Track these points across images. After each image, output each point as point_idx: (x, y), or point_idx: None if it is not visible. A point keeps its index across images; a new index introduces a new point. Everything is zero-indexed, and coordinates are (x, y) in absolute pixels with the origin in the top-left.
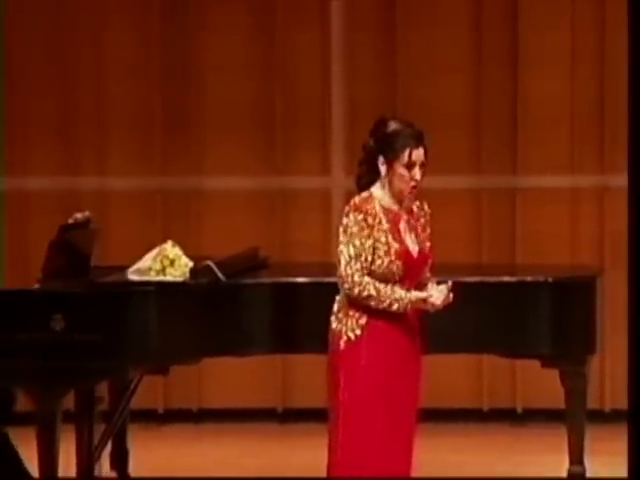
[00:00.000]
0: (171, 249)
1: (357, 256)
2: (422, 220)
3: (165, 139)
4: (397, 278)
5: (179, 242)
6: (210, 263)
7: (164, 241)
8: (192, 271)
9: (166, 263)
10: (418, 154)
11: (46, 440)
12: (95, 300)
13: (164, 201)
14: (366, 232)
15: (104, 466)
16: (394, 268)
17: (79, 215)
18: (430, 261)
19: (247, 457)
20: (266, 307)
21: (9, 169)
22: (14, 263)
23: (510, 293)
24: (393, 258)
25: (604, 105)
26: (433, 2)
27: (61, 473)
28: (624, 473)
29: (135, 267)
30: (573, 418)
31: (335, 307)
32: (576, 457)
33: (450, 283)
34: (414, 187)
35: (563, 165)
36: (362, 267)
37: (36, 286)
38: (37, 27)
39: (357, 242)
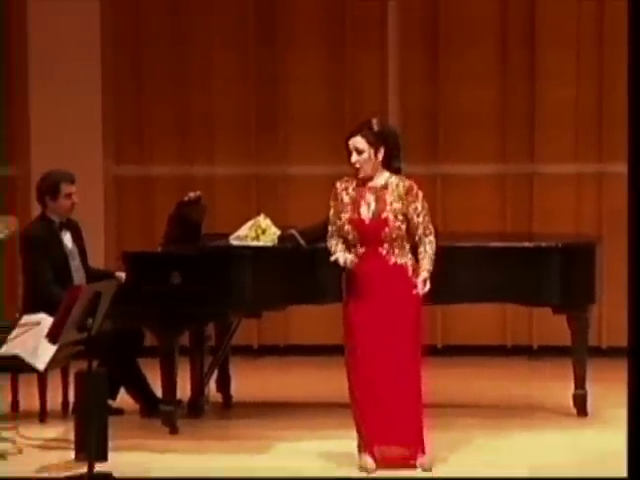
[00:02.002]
0: (263, 221)
1: (330, 222)
2: (395, 194)
3: (258, 136)
4: (354, 241)
5: (269, 216)
6: (294, 232)
7: (258, 215)
8: (279, 238)
9: (259, 232)
10: (351, 143)
11: (167, 368)
12: (204, 260)
13: (257, 184)
14: (334, 206)
15: (211, 389)
16: (349, 231)
17: (192, 194)
18: (386, 229)
19: (321, 383)
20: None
21: (140, 159)
22: (143, 232)
23: (528, 255)
24: (346, 224)
25: (602, 108)
26: (468, 26)
27: (179, 395)
28: (619, 396)
29: (235, 235)
30: (577, 353)
31: None
32: (579, 383)
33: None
34: (357, 168)
35: (570, 155)
36: (332, 230)
37: (159, 249)
38: (161, 48)
39: (330, 213)
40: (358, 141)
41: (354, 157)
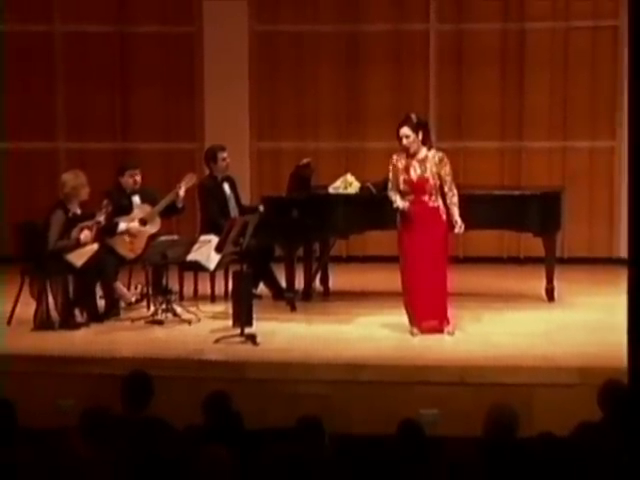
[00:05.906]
0: (349, 177)
1: (390, 181)
2: (431, 162)
3: (347, 123)
4: (407, 192)
5: (353, 174)
6: (369, 184)
7: (346, 173)
8: (360, 189)
9: (347, 184)
10: (401, 131)
11: (289, 270)
12: (313, 202)
13: (346, 154)
14: (392, 170)
15: (316, 283)
16: (405, 187)
17: (305, 160)
18: (427, 184)
19: (385, 279)
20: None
21: (272, 137)
22: (274, 183)
23: (517, 199)
24: (402, 182)
25: (567, 107)
26: (480, 54)
27: (296, 286)
28: (575, 289)
29: (332, 186)
30: (548, 261)
31: None
32: (550, 280)
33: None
34: (407, 149)
35: (545, 136)
36: (391, 185)
37: (284, 195)
38: (287, 64)
39: (390, 175)
40: (405, 130)
41: (404, 141)
